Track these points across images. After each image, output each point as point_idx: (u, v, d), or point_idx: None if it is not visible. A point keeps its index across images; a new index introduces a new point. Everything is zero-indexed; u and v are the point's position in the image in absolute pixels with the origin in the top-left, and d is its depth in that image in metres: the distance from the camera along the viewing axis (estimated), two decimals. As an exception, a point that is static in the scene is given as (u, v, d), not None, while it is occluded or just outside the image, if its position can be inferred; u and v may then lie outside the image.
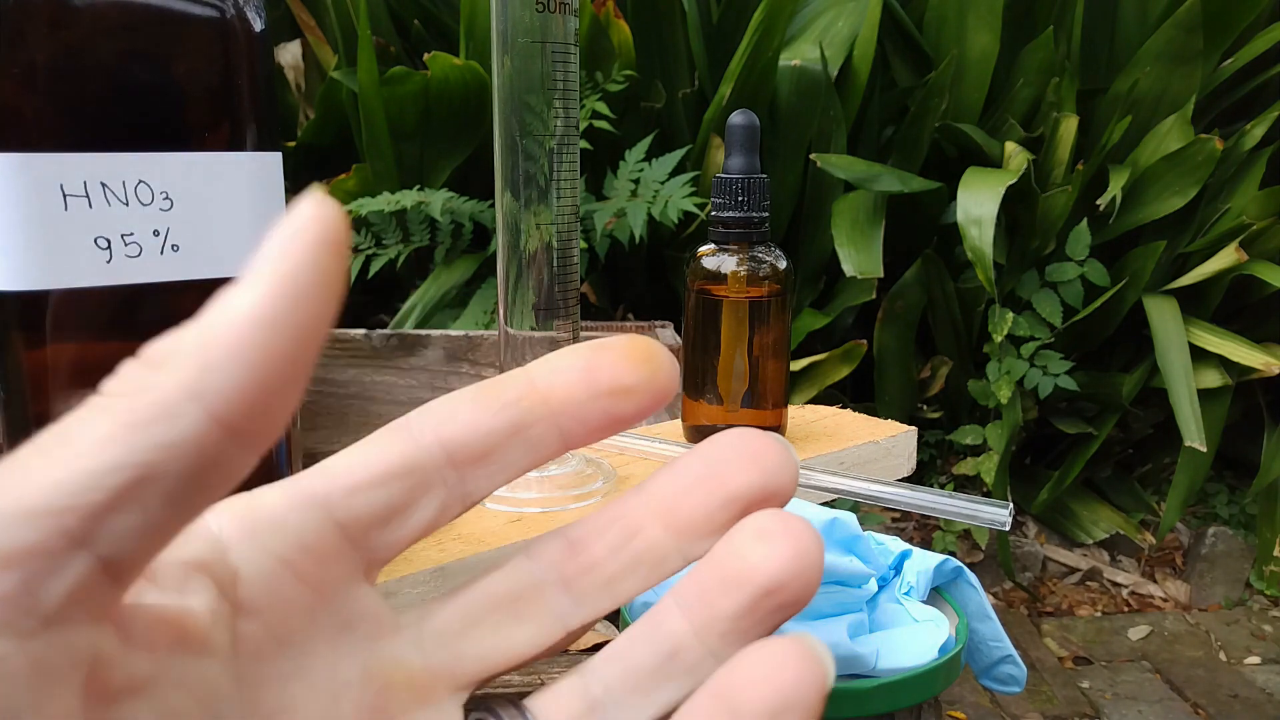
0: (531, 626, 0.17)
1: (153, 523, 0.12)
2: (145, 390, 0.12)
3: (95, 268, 0.28)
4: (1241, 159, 1.52)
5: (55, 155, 0.27)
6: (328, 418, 0.89)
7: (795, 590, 0.15)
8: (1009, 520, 0.36)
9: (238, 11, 0.29)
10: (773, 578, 0.15)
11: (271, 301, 0.13)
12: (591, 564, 0.17)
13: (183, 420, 0.12)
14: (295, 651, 0.15)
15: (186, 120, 0.29)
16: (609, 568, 0.17)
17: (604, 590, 0.17)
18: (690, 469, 0.17)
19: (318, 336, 0.13)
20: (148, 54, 0.28)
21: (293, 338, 0.13)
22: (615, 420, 0.16)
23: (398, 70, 1.38)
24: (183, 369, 0.12)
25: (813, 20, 1.59)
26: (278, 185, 0.31)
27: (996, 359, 1.48)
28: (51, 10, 0.26)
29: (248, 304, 0.13)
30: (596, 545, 0.17)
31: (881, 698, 0.29)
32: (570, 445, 0.16)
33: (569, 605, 0.17)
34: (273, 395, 0.13)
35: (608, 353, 0.16)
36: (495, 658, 0.16)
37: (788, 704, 0.14)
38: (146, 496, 0.12)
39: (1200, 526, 1.65)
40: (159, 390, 0.12)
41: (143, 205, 0.28)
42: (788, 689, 0.14)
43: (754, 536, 0.16)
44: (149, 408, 0.12)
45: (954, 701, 1.30)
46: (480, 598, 0.17)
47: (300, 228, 0.13)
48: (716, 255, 0.47)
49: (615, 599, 0.17)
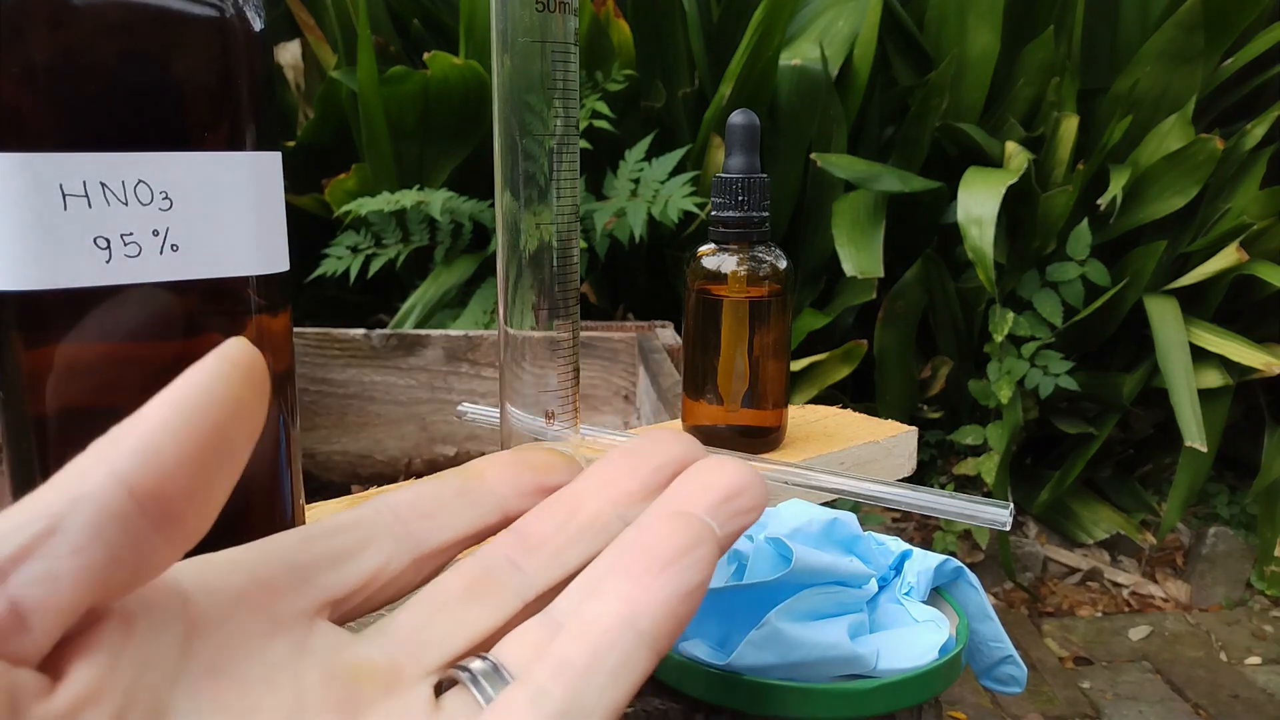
0: (489, 605, 0.17)
1: (60, 574, 0.14)
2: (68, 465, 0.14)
3: (94, 268, 0.28)
4: (1242, 159, 1.52)
5: (54, 155, 0.27)
6: (327, 417, 0.89)
7: (751, 497, 0.17)
8: (1009, 520, 0.36)
9: (237, 11, 0.29)
10: (731, 484, 0.17)
11: (181, 398, 0.15)
12: (539, 543, 0.18)
13: (90, 478, 0.14)
14: (254, 663, 0.16)
15: (186, 120, 0.29)
16: (555, 541, 0.18)
17: (553, 560, 0.18)
18: (617, 456, 0.19)
19: (231, 440, 0.15)
20: (147, 53, 0.28)
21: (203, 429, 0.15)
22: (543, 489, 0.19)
23: (397, 70, 1.38)
24: (98, 444, 0.15)
25: (813, 19, 1.59)
26: (277, 185, 0.31)
27: (997, 359, 1.48)
28: (50, 9, 0.26)
29: (160, 398, 0.15)
30: (541, 527, 0.18)
31: (882, 698, 0.28)
32: (507, 510, 0.19)
33: (521, 580, 0.18)
34: (181, 478, 0.14)
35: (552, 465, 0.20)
36: (456, 640, 0.17)
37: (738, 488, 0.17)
38: (55, 546, 0.14)
39: (1201, 527, 1.65)
40: (76, 460, 0.14)
41: (142, 205, 0.28)
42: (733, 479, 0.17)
43: (701, 469, 0.18)
44: (64, 472, 0.14)
45: (954, 702, 1.30)
46: (436, 596, 0.18)
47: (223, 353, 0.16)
48: (717, 255, 0.47)
49: (564, 567, 0.18)
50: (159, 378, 0.29)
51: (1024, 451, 1.71)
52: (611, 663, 0.15)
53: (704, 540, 0.16)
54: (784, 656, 0.28)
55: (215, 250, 0.29)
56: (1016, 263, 1.52)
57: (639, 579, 0.15)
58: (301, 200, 1.54)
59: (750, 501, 0.17)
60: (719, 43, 1.57)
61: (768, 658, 0.28)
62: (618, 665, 0.15)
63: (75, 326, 0.28)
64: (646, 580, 0.15)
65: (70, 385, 0.28)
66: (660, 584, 0.15)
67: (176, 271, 0.29)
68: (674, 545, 0.15)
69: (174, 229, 0.29)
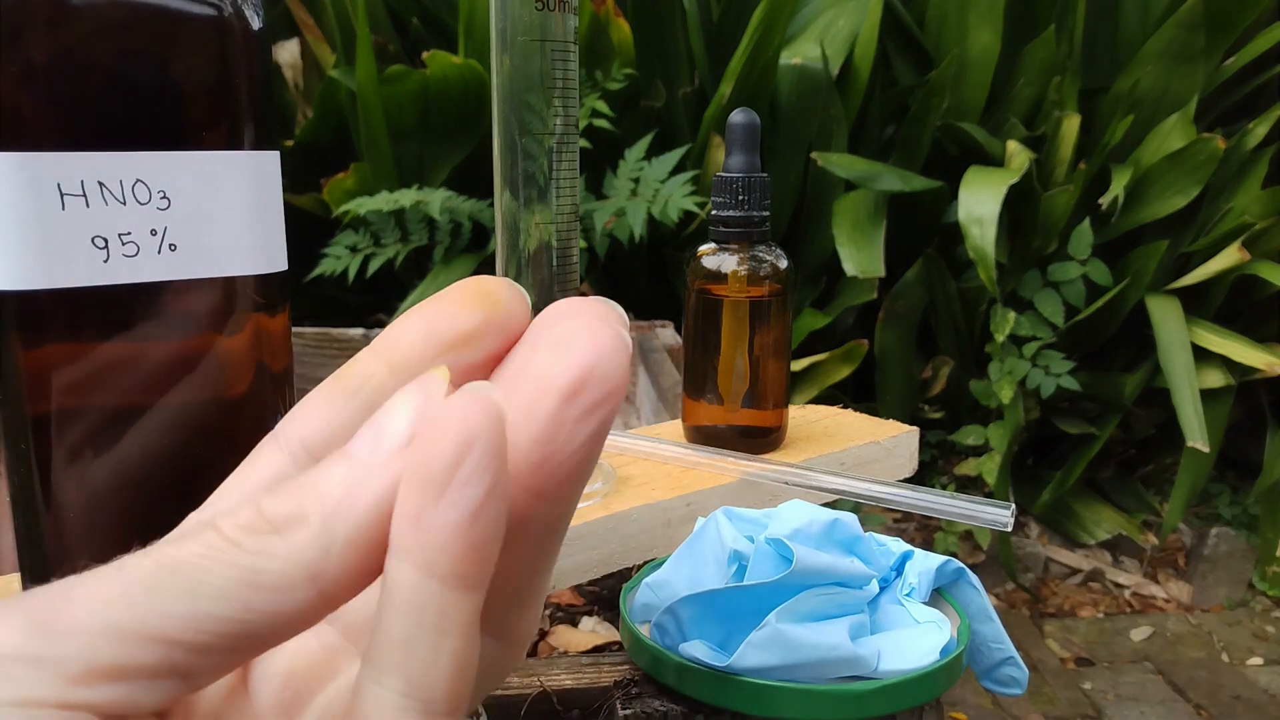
0: None
1: (235, 662, 0.14)
2: (267, 554, 0.13)
3: (93, 267, 0.27)
4: (1244, 158, 1.51)
5: (52, 154, 0.27)
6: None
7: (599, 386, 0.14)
8: (1011, 521, 0.35)
9: (235, 10, 0.29)
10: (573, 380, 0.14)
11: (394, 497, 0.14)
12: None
13: (297, 596, 0.13)
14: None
15: (184, 119, 0.29)
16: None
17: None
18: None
19: None
20: (145, 53, 0.28)
21: None
22: (465, 372, 0.16)
23: (396, 69, 1.38)
24: (306, 546, 0.14)
25: (813, 19, 1.59)
26: (276, 184, 0.31)
27: (998, 359, 1.48)
28: (49, 9, 0.26)
29: (374, 496, 0.14)
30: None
31: (883, 699, 0.28)
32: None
33: None
34: (374, 574, 0.14)
35: (443, 303, 0.16)
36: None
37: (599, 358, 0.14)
38: (241, 646, 0.14)
39: (1203, 527, 1.65)
40: (280, 560, 0.13)
41: (140, 204, 0.28)
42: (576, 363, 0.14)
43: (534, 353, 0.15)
44: (268, 575, 0.13)
45: (955, 703, 1.30)
46: None
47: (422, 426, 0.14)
48: (717, 254, 0.47)
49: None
50: (157, 377, 0.29)
51: (1025, 452, 1.70)
52: (429, 622, 0.13)
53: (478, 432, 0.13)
54: (785, 658, 0.28)
55: (213, 250, 0.29)
56: (1018, 262, 1.52)
57: (418, 519, 0.13)
58: (300, 200, 1.54)
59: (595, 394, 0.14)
60: (719, 42, 1.56)
61: (769, 659, 0.28)
62: (436, 623, 0.13)
63: (72, 326, 0.28)
64: (425, 518, 0.13)
65: (68, 385, 0.28)
66: (440, 515, 0.13)
67: (175, 271, 0.29)
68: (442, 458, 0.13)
69: (172, 228, 0.29)
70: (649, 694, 0.31)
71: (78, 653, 0.13)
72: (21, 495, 0.28)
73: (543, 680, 0.31)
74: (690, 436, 0.49)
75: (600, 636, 0.48)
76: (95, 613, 0.13)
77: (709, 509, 0.41)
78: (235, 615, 0.13)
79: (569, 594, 0.53)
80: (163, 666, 0.13)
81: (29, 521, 0.29)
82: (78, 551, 0.29)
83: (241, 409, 0.31)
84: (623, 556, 0.40)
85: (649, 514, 0.40)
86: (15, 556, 0.29)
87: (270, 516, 0.14)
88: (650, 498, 0.41)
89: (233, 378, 0.30)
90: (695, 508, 0.42)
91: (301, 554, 0.13)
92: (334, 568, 0.14)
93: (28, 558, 0.29)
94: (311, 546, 0.13)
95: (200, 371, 0.30)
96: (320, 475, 0.14)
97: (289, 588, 0.13)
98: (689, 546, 0.33)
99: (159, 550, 0.14)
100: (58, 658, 0.13)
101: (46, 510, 0.28)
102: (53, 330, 0.28)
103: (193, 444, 0.30)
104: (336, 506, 0.14)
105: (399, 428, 0.14)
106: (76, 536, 0.29)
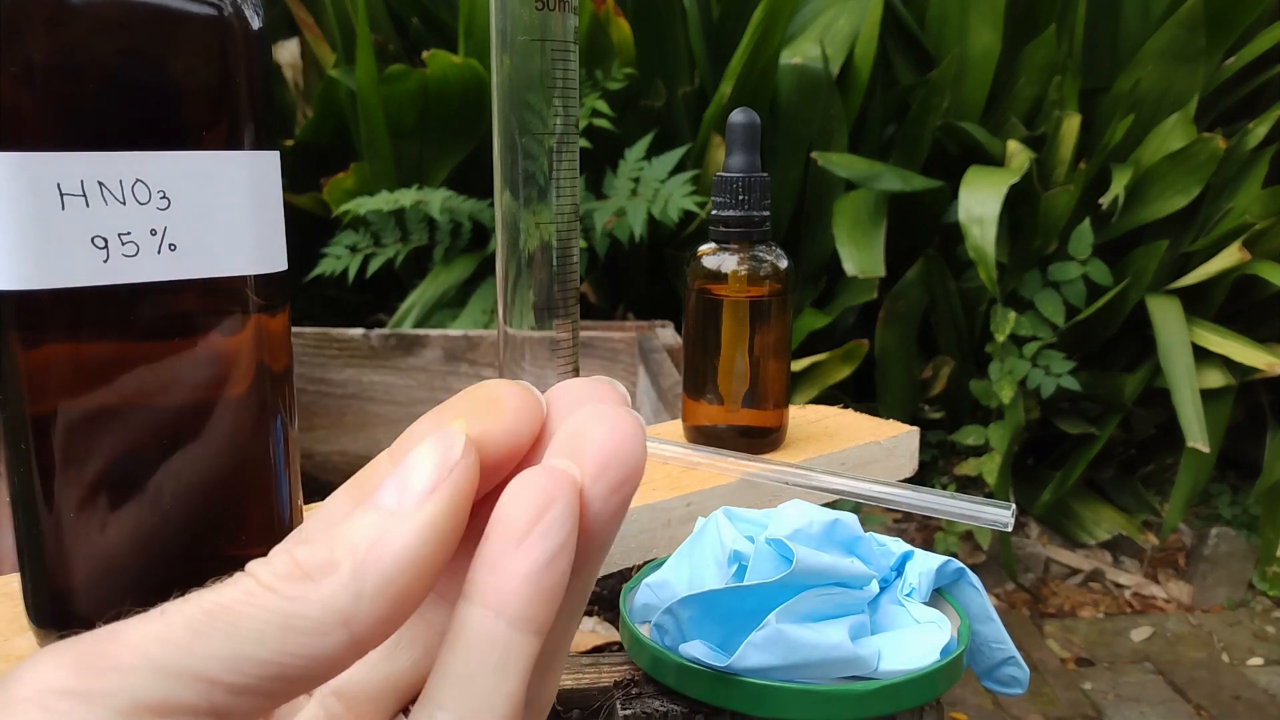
0: (414, 651, 0.18)
1: (271, 704, 0.14)
2: (302, 599, 0.14)
3: (92, 267, 0.27)
4: (1244, 158, 1.51)
5: (52, 154, 0.27)
6: (325, 418, 0.89)
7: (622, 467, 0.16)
8: (1011, 521, 0.35)
9: (235, 9, 0.29)
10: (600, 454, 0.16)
11: (423, 544, 0.15)
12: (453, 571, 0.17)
13: (330, 640, 0.14)
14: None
15: (184, 119, 0.29)
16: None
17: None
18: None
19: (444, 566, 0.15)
20: (145, 52, 0.28)
21: (432, 573, 0.15)
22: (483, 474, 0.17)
23: (396, 68, 1.38)
24: (338, 592, 0.14)
25: (814, 18, 1.59)
26: (275, 184, 0.31)
27: (999, 359, 1.48)
28: (48, 8, 0.26)
29: (402, 543, 0.15)
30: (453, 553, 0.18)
31: (883, 700, 0.28)
32: None
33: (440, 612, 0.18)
34: (404, 617, 0.15)
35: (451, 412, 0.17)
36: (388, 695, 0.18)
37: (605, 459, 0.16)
38: (277, 689, 0.14)
39: (1203, 527, 1.65)
40: (314, 605, 0.14)
41: (140, 204, 0.28)
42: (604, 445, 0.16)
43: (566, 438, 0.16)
44: (304, 620, 0.14)
45: (956, 703, 1.30)
46: None
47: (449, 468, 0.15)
48: (717, 254, 0.47)
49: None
50: (157, 377, 0.29)
51: (1025, 452, 1.70)
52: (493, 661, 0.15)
53: (558, 494, 0.15)
54: (785, 658, 0.28)
55: (213, 249, 0.29)
56: (1018, 262, 1.52)
57: (495, 563, 0.15)
58: (300, 199, 1.54)
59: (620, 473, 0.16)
60: (719, 41, 1.56)
61: (769, 659, 0.28)
62: (500, 663, 0.15)
63: (72, 326, 0.28)
64: (503, 563, 0.15)
65: (68, 385, 0.28)
66: (517, 562, 0.15)
67: (174, 271, 0.29)
68: (524, 512, 0.15)
69: (172, 228, 0.28)
70: (649, 694, 0.31)
71: (125, 689, 0.13)
72: (21, 495, 0.28)
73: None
74: (690, 436, 0.49)
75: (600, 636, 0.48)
76: (141, 652, 0.14)
77: (709, 509, 0.41)
78: (272, 658, 0.14)
79: (569, 594, 0.53)
80: (203, 705, 0.14)
81: (29, 521, 0.29)
82: (77, 551, 0.29)
83: (241, 409, 0.31)
84: (623, 556, 0.40)
85: (649, 514, 0.40)
86: (15, 556, 0.29)
87: (304, 564, 0.15)
88: (650, 498, 0.41)
89: (233, 378, 0.30)
90: (695, 508, 0.42)
91: (335, 600, 0.14)
92: (365, 612, 0.14)
93: (28, 558, 0.29)
94: (344, 593, 0.14)
95: (200, 371, 0.30)
96: (350, 525, 0.15)
97: (323, 632, 0.14)
98: (689, 546, 0.33)
99: (200, 596, 0.14)
100: (106, 693, 0.13)
101: (46, 510, 0.28)
102: (53, 330, 0.28)
103: (193, 443, 0.30)
104: (366, 554, 0.15)
105: (423, 478, 0.15)
106: (76, 537, 0.29)
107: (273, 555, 0.15)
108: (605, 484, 0.16)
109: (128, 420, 0.29)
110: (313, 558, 0.15)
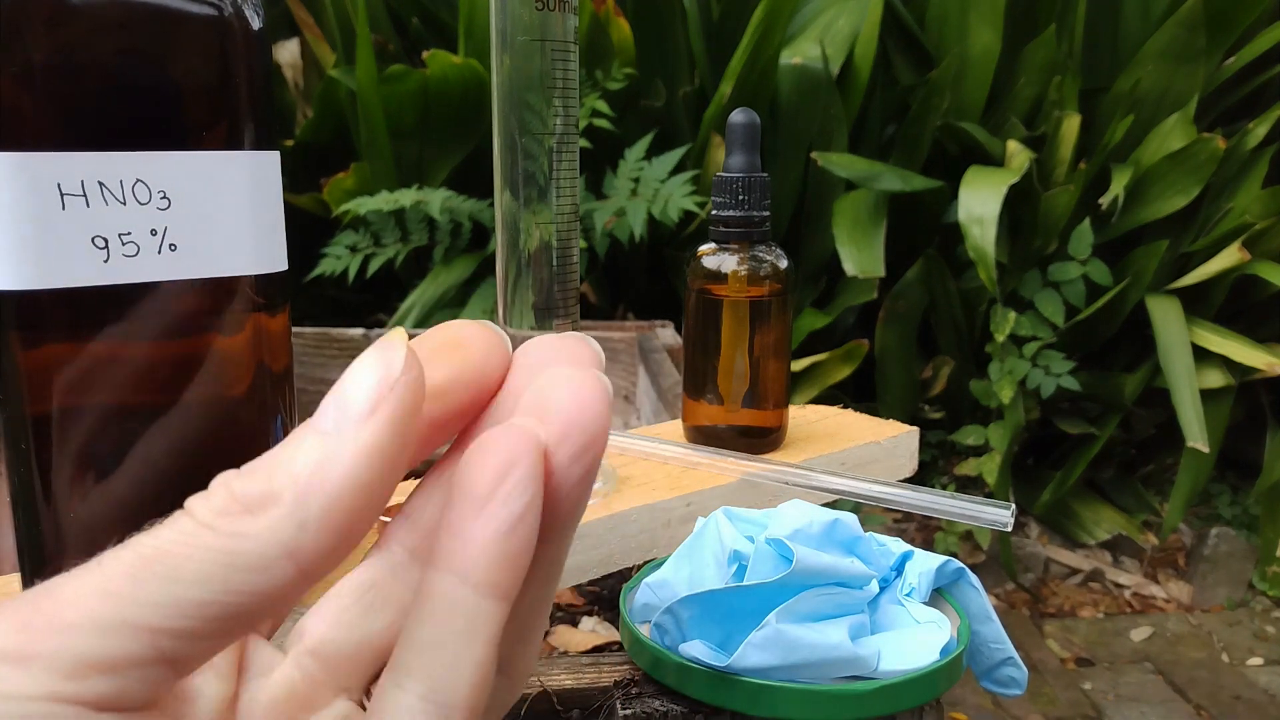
0: (391, 612, 0.17)
1: (223, 643, 0.14)
2: (242, 535, 0.14)
3: (92, 267, 0.27)
4: (1244, 158, 1.51)
5: (52, 154, 0.27)
6: (328, 417, 0.89)
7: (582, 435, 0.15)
8: (1011, 521, 0.35)
9: (235, 10, 0.29)
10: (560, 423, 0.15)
11: (367, 467, 0.14)
12: (428, 530, 0.17)
13: (275, 574, 0.14)
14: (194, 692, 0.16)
15: (184, 119, 0.29)
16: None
17: None
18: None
19: (392, 491, 0.15)
20: (145, 52, 0.28)
21: (378, 498, 0.14)
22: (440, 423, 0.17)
23: (396, 68, 1.38)
24: (280, 524, 0.14)
25: (814, 18, 1.59)
26: (276, 184, 0.31)
27: (998, 359, 1.48)
28: (48, 8, 0.26)
29: (344, 467, 0.14)
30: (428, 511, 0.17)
31: (883, 699, 0.28)
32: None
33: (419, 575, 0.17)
34: (352, 545, 0.14)
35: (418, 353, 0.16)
36: (364, 655, 0.17)
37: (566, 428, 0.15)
38: (226, 628, 0.14)
39: (1203, 527, 1.65)
40: (256, 540, 0.14)
41: (140, 204, 0.28)
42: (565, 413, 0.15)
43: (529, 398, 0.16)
44: (246, 556, 0.14)
45: (955, 703, 1.30)
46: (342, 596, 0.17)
47: (389, 385, 0.14)
48: (717, 254, 0.47)
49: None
50: (158, 377, 0.29)
51: (1025, 452, 1.70)
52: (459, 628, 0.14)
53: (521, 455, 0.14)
54: (785, 658, 0.28)
55: (213, 249, 0.29)
56: (1018, 262, 1.52)
57: (458, 528, 0.14)
58: (300, 199, 1.54)
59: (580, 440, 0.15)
60: (719, 41, 1.56)
61: (769, 659, 0.28)
62: (466, 629, 0.14)
63: (72, 326, 0.28)
64: (465, 527, 0.14)
65: (68, 385, 0.28)
66: (479, 527, 0.14)
67: (175, 271, 0.29)
68: (486, 476, 0.14)
69: (172, 228, 0.29)
70: (649, 694, 0.31)
71: (66, 648, 0.13)
72: (21, 495, 0.28)
73: (543, 680, 0.31)
74: (690, 436, 0.49)
75: (600, 636, 0.48)
76: (79, 608, 0.13)
77: (709, 509, 0.41)
78: (216, 598, 0.13)
79: (569, 594, 0.53)
80: (150, 655, 0.13)
81: (29, 521, 0.29)
82: (78, 551, 0.29)
83: (241, 409, 0.31)
84: (623, 556, 0.40)
85: (649, 514, 0.40)
86: (15, 556, 0.29)
87: (243, 497, 0.14)
88: (650, 498, 0.41)
89: (233, 378, 0.30)
90: (695, 508, 0.42)
91: (277, 532, 0.14)
92: (310, 542, 0.14)
93: (28, 558, 0.29)
94: (286, 524, 0.14)
95: (200, 371, 0.30)
96: (289, 451, 0.14)
97: (267, 566, 0.14)
98: (689, 546, 0.33)
99: (136, 541, 0.14)
100: (47, 654, 0.13)
101: (46, 510, 0.28)
102: (53, 330, 0.28)
103: (192, 443, 0.30)
104: (308, 481, 0.14)
105: (363, 397, 0.14)
106: (76, 536, 0.29)
107: (211, 489, 0.14)
108: (567, 451, 0.15)
109: (128, 420, 0.29)
110: (251, 489, 0.14)
